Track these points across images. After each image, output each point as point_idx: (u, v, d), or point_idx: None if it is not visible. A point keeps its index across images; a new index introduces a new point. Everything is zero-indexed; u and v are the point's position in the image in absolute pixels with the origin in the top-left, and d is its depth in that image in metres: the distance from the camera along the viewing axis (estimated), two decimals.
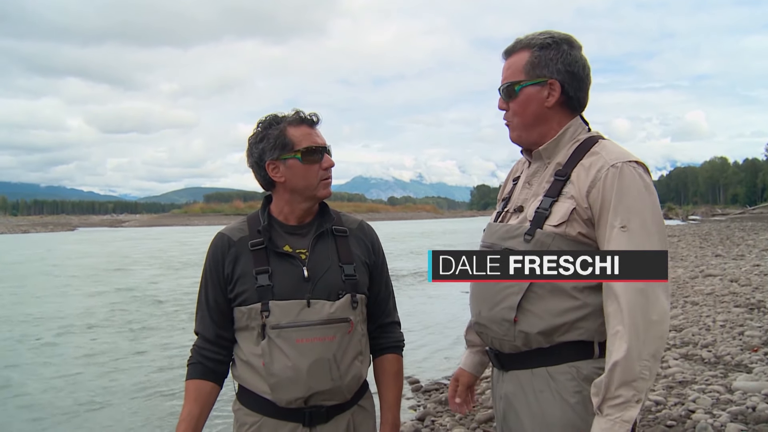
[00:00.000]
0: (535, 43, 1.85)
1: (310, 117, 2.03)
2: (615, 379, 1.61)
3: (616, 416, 1.60)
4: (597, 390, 1.64)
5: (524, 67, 1.85)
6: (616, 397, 1.60)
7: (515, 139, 1.94)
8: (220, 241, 2.04)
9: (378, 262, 2.14)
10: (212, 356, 2.02)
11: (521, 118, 1.88)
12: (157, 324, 12.02)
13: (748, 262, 16.80)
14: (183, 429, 1.95)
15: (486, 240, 1.95)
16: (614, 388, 1.60)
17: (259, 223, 2.03)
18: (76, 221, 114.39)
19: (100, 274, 21.80)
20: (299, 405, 1.92)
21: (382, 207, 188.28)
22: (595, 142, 1.83)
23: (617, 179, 1.70)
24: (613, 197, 1.69)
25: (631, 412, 1.60)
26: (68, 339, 10.77)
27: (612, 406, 1.60)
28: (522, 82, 1.85)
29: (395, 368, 2.15)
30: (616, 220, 1.68)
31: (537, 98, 1.85)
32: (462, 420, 5.53)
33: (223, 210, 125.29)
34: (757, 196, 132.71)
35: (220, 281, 2.00)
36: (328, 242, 2.04)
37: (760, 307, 9.33)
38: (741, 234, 30.98)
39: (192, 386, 2.01)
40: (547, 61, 1.83)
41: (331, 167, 2.03)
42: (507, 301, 1.79)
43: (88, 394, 7.50)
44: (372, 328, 2.13)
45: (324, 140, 2.03)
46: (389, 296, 2.18)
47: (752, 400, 4.96)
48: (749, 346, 6.95)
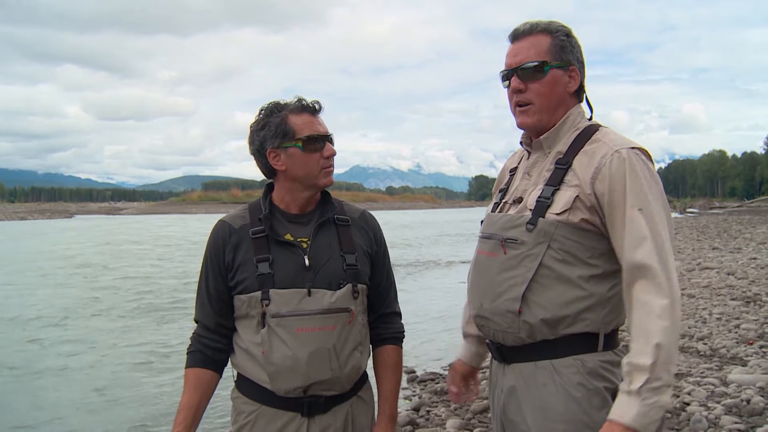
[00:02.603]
0: (556, 28, 1.84)
1: (312, 105, 2.01)
2: (660, 360, 1.54)
3: (654, 400, 1.54)
4: (632, 369, 1.57)
5: (550, 48, 1.82)
6: (658, 378, 1.54)
7: (532, 123, 1.86)
8: (221, 228, 2.03)
9: (380, 252, 2.12)
10: (212, 344, 2.01)
11: (546, 99, 1.83)
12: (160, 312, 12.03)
13: (745, 255, 16.85)
14: (182, 418, 1.94)
15: (486, 230, 1.93)
16: (660, 370, 1.54)
17: (260, 211, 2.02)
18: (73, 208, 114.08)
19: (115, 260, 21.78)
20: (298, 394, 1.92)
21: (380, 196, 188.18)
22: (596, 129, 1.82)
23: (624, 165, 1.69)
24: (622, 183, 1.67)
25: (667, 397, 1.56)
26: (58, 331, 10.76)
27: (653, 388, 1.54)
28: (551, 62, 1.82)
29: (394, 359, 2.13)
30: (631, 203, 1.66)
31: (562, 81, 1.84)
32: (457, 410, 5.54)
33: (221, 198, 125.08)
34: (755, 190, 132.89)
35: (221, 269, 2.00)
36: (330, 231, 2.03)
37: (756, 301, 9.36)
38: (738, 227, 31.04)
39: (191, 374, 2.01)
40: (571, 48, 1.84)
41: (332, 156, 2.01)
42: (511, 292, 1.77)
43: (82, 385, 7.50)
44: (372, 319, 2.12)
45: (326, 128, 2.01)
46: (390, 286, 2.17)
47: (747, 392, 4.98)
48: (745, 339, 6.97)
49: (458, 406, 5.65)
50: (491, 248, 1.86)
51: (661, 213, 1.68)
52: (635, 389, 1.55)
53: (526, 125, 1.88)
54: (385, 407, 2.09)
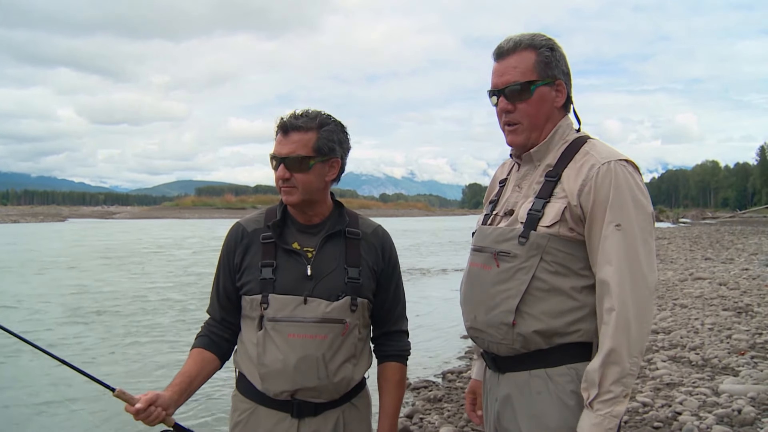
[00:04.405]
0: (540, 43, 1.84)
1: (288, 123, 1.98)
2: (608, 374, 1.63)
3: (606, 411, 1.62)
4: (588, 384, 1.66)
5: (535, 66, 1.82)
6: (608, 392, 1.62)
7: (521, 142, 1.89)
8: (235, 230, 2.11)
9: (387, 270, 2.12)
10: (219, 333, 2.10)
11: (534, 118, 1.85)
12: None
13: (737, 265, 16.91)
14: (178, 381, 1.98)
15: (478, 243, 1.94)
16: (608, 383, 1.63)
17: (274, 217, 2.07)
18: (66, 212, 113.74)
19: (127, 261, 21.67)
20: (286, 398, 1.96)
21: (374, 204, 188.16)
22: (584, 142, 1.83)
23: (609, 178, 1.70)
24: (605, 196, 1.69)
25: (620, 407, 1.63)
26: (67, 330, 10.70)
27: (603, 401, 1.63)
28: (536, 81, 1.82)
29: (397, 377, 2.14)
30: (610, 219, 1.68)
31: (549, 98, 1.84)
32: (450, 418, 5.54)
33: (215, 203, 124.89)
34: (747, 200, 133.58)
35: (231, 269, 2.07)
36: (339, 244, 2.05)
37: (747, 311, 9.39)
38: (731, 238, 31.19)
39: (195, 351, 2.08)
40: (555, 62, 1.84)
41: (283, 179, 1.98)
42: (504, 304, 1.78)
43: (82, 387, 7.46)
44: (377, 334, 2.15)
45: (291, 149, 1.96)
46: (398, 304, 2.17)
47: (738, 402, 4.99)
48: (736, 350, 6.99)
49: (452, 413, 5.66)
50: (484, 261, 1.87)
51: (642, 227, 1.70)
52: (587, 403, 1.65)
53: (516, 144, 1.90)
54: (385, 424, 2.11)
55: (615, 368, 1.63)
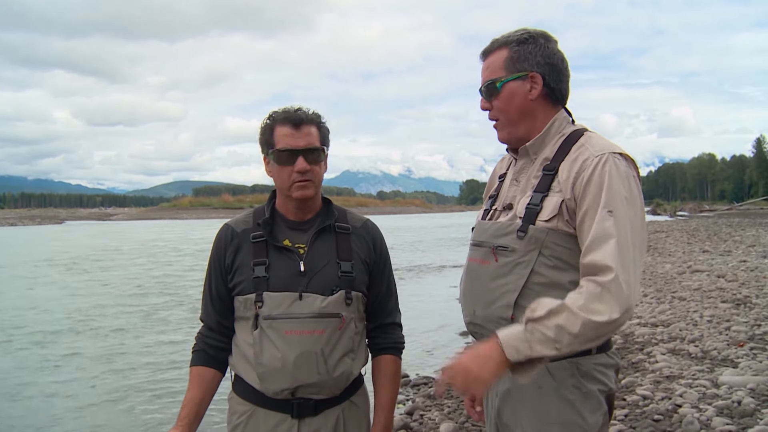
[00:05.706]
0: (512, 39, 1.85)
1: (298, 116, 1.99)
2: (557, 318, 1.56)
3: (536, 336, 1.56)
4: (537, 307, 1.59)
5: (504, 63, 1.85)
6: (548, 329, 1.56)
7: (504, 138, 1.93)
8: (225, 232, 2.10)
9: (379, 262, 2.13)
10: (214, 344, 2.08)
11: (506, 114, 1.87)
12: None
13: (734, 258, 16.94)
14: (186, 413, 2.00)
15: (477, 238, 1.94)
16: (551, 323, 1.56)
17: (263, 216, 2.06)
18: (63, 214, 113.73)
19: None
20: (286, 396, 1.95)
21: (372, 201, 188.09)
22: (581, 134, 1.83)
23: (601, 169, 1.69)
24: (596, 186, 1.68)
25: (541, 348, 1.56)
26: (62, 338, 10.70)
27: (535, 329, 1.57)
28: (503, 78, 1.84)
29: (392, 370, 2.14)
30: (602, 206, 1.66)
31: (520, 92, 1.84)
32: (450, 414, 5.54)
33: (212, 204, 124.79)
34: (744, 193, 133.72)
35: (222, 271, 2.06)
36: (329, 239, 2.06)
37: (746, 303, 9.41)
38: (728, 230, 31.21)
39: (195, 372, 2.08)
40: (526, 55, 1.83)
41: (304, 171, 1.97)
42: (503, 299, 1.78)
43: (92, 390, 7.46)
44: (371, 328, 2.14)
45: (308, 141, 1.98)
46: (390, 297, 2.17)
47: (738, 394, 5.00)
48: (735, 341, 7.01)
49: (452, 409, 5.67)
50: (483, 256, 1.87)
51: (633, 218, 1.67)
52: (525, 320, 1.59)
53: (501, 140, 1.95)
54: (381, 417, 2.10)
55: (569, 319, 1.55)
